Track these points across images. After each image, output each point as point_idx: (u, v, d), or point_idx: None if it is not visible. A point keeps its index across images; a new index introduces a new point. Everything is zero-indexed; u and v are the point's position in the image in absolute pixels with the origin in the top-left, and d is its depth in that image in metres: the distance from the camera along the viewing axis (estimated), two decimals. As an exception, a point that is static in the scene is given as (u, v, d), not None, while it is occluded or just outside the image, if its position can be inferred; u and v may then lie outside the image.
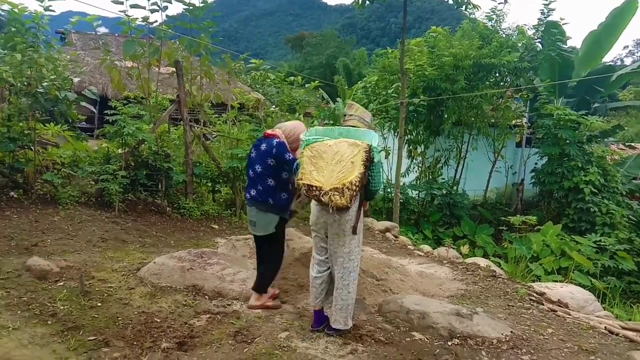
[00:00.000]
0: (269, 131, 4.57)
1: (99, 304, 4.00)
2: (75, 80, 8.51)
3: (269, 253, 4.52)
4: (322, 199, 3.60)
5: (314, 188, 3.65)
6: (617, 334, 4.58)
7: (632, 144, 18.52)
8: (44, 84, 7.17)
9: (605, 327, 4.76)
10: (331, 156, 3.70)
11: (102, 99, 11.83)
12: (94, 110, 9.71)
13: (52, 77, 7.32)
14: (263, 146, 4.38)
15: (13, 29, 7.23)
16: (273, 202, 4.33)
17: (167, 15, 8.74)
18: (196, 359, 3.30)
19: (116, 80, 8.04)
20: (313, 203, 3.98)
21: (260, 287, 4.45)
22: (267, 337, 3.74)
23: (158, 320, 3.86)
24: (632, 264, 9.81)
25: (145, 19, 8.00)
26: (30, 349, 3.19)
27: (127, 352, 3.33)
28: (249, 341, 3.65)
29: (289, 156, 4.27)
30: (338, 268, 3.92)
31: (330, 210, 3.63)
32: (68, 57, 8.51)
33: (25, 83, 7.10)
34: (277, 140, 4.36)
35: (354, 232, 3.85)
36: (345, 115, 4.33)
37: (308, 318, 4.21)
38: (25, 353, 3.12)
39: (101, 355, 3.24)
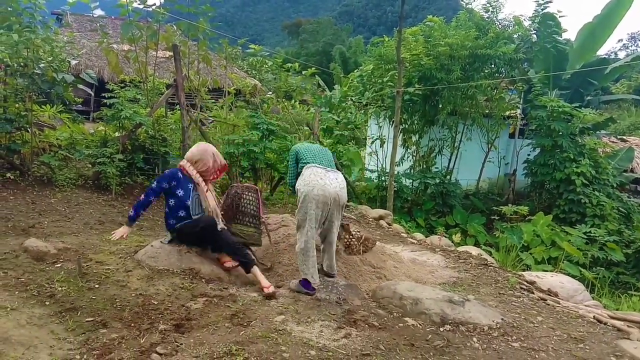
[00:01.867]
0: None
1: (97, 286, 4.02)
2: (73, 62, 8.47)
3: None
4: None
5: None
6: (605, 323, 4.68)
7: (624, 137, 18.62)
8: (41, 65, 7.14)
9: (593, 316, 4.86)
10: None
11: (99, 82, 11.75)
12: (90, 93, 9.67)
13: (49, 58, 7.28)
14: None
15: (9, 9, 7.16)
16: (166, 225, 4.92)
17: (164, -1, 8.68)
18: (193, 341, 3.34)
19: (113, 63, 8.01)
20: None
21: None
22: (263, 321, 3.78)
23: (155, 303, 3.90)
24: (621, 255, 9.95)
25: (143, 1, 7.95)
26: (29, 329, 3.21)
27: (124, 333, 3.36)
28: (245, 324, 3.69)
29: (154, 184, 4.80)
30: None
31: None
32: (65, 38, 8.46)
33: (22, 64, 7.06)
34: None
35: None
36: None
37: (303, 302, 4.28)
38: (24, 333, 3.15)
39: (99, 336, 3.27)
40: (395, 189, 11.66)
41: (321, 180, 4.47)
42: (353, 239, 5.43)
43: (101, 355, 3.05)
